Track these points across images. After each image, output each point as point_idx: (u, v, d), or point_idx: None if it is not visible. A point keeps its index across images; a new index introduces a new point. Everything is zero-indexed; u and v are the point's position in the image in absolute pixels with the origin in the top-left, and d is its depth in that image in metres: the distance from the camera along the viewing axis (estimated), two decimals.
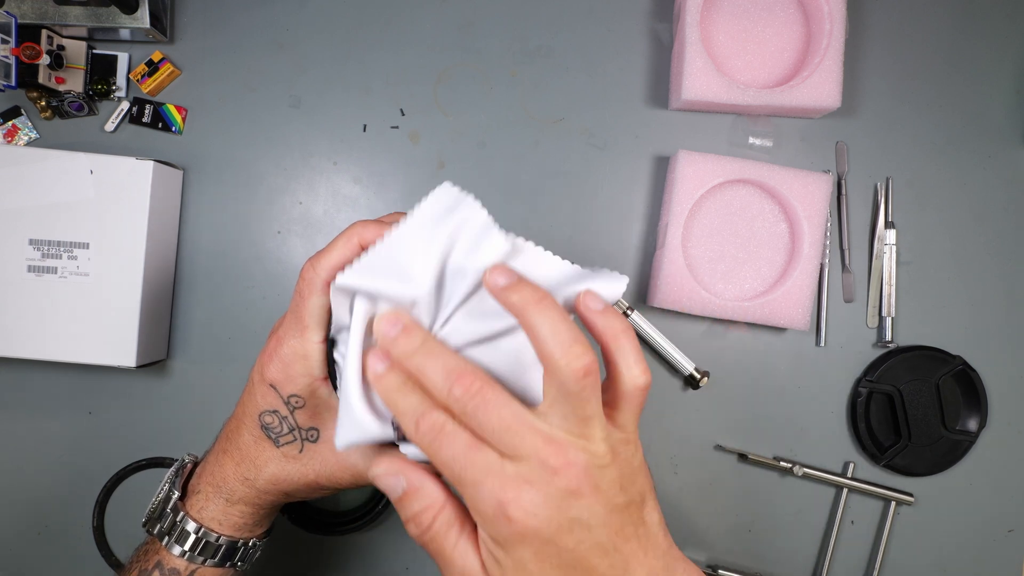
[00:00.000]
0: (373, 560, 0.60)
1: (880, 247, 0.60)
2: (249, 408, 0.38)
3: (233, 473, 0.39)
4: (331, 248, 0.35)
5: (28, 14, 0.54)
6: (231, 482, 0.39)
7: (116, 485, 0.59)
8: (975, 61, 0.61)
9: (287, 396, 0.37)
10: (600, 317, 0.31)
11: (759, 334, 0.60)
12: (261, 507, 0.40)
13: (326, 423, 0.38)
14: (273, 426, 0.38)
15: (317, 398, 0.37)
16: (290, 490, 0.39)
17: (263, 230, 0.60)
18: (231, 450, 0.39)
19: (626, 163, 0.60)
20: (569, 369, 0.28)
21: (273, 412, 0.37)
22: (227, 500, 0.39)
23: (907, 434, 0.59)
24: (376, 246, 0.33)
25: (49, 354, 0.53)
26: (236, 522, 0.40)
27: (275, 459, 0.38)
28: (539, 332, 0.29)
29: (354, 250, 0.35)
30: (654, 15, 0.61)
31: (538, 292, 0.30)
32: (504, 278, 0.30)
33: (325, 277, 0.35)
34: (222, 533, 0.39)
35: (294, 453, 0.38)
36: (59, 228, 0.53)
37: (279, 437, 0.38)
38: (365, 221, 0.35)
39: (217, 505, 0.39)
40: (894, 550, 0.60)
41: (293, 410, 0.37)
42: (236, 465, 0.39)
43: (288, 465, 0.38)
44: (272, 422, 0.38)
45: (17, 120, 0.58)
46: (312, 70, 0.60)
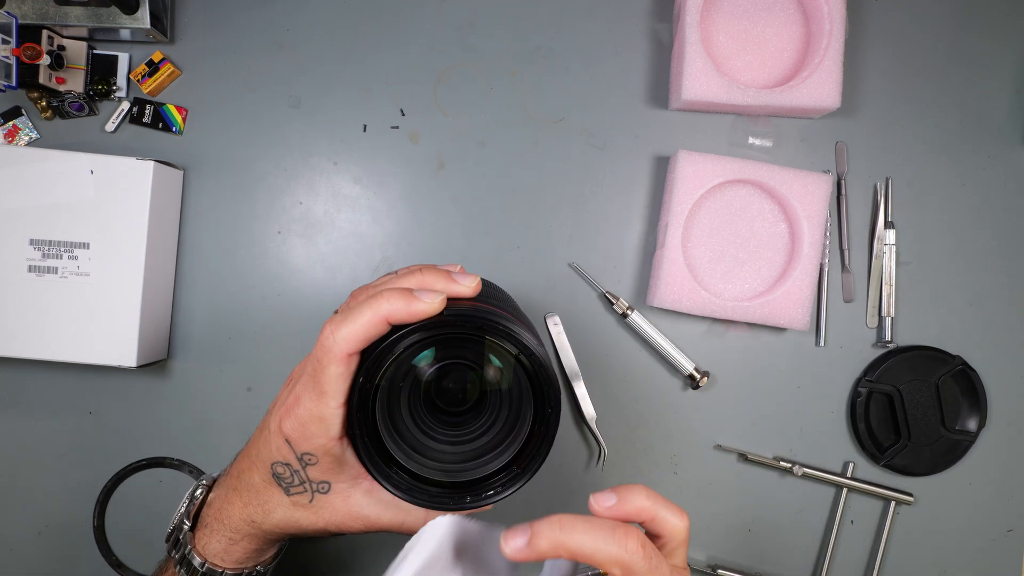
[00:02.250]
0: (373, 560, 0.60)
1: (880, 247, 0.60)
2: (263, 454, 0.38)
3: (240, 513, 0.39)
4: (355, 319, 0.33)
5: (29, 14, 0.54)
6: (236, 522, 0.39)
7: (116, 485, 0.59)
8: (975, 61, 0.61)
9: (300, 453, 0.37)
10: (623, 504, 0.34)
11: (759, 334, 0.61)
12: (264, 544, 0.40)
13: (339, 477, 0.37)
14: (284, 476, 0.38)
15: (331, 455, 0.37)
16: (297, 534, 0.39)
17: (263, 230, 0.60)
18: (240, 489, 0.39)
19: (626, 163, 0.60)
20: (637, 554, 0.31)
21: (285, 464, 0.37)
22: (230, 539, 0.40)
23: (907, 434, 0.59)
24: None
25: (49, 354, 0.53)
26: (239, 556, 0.40)
27: (284, 505, 0.38)
28: (587, 550, 0.31)
29: (379, 325, 0.34)
30: (654, 15, 0.61)
31: (558, 524, 0.32)
32: (520, 538, 0.32)
33: (346, 349, 0.34)
34: (225, 568, 0.40)
35: (304, 502, 0.38)
36: (59, 228, 0.53)
37: (290, 487, 0.38)
38: (392, 295, 0.34)
39: (220, 543, 0.40)
40: (894, 550, 0.60)
41: (305, 466, 0.37)
42: (244, 506, 0.39)
43: (297, 512, 0.38)
44: (283, 473, 0.37)
45: (18, 120, 0.58)
46: (312, 70, 0.60)
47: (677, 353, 0.59)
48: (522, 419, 0.37)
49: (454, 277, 0.36)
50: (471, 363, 0.37)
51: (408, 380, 0.36)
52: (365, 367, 0.34)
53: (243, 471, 0.40)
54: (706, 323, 0.60)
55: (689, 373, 0.59)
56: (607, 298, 0.59)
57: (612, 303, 0.59)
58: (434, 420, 0.38)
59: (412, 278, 0.36)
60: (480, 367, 0.37)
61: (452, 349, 0.37)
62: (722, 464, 0.60)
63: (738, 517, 0.60)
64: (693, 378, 0.59)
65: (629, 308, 0.59)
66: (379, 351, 0.34)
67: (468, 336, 0.35)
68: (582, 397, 0.58)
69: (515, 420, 0.37)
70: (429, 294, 0.34)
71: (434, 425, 0.38)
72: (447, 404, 0.38)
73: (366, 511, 0.38)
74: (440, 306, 0.34)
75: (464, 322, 0.35)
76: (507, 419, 0.37)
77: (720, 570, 0.59)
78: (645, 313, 0.60)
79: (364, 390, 0.35)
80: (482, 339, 0.36)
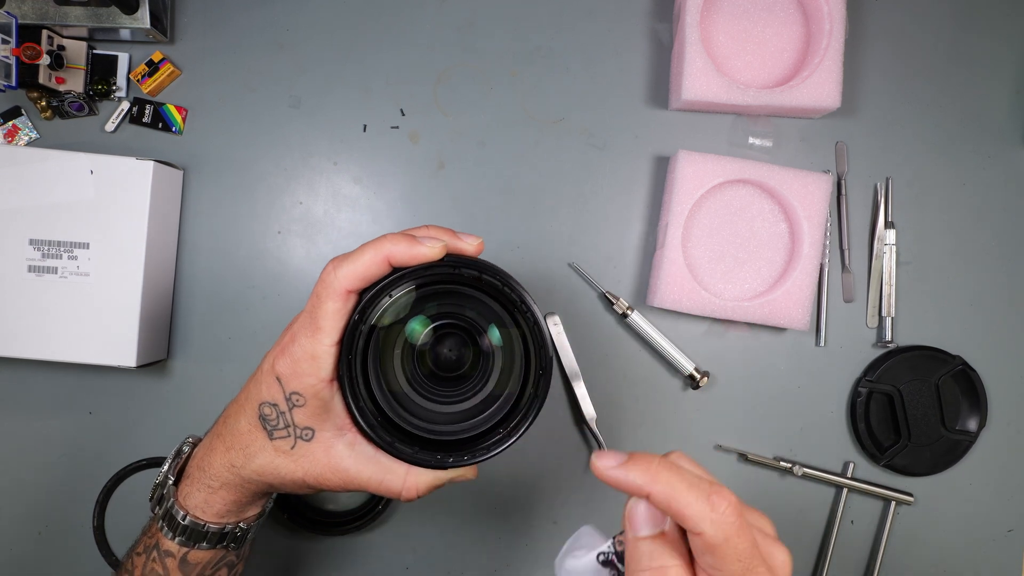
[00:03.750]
0: (373, 560, 0.60)
1: (880, 247, 0.60)
2: (252, 396, 0.38)
3: (221, 459, 0.39)
4: (356, 257, 0.35)
5: (28, 14, 0.54)
6: (216, 467, 0.39)
7: (116, 485, 0.59)
8: (975, 61, 0.61)
9: (289, 392, 0.37)
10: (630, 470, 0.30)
11: (759, 334, 0.61)
12: (244, 494, 0.40)
13: (323, 424, 0.38)
14: (270, 418, 0.38)
15: (319, 399, 0.37)
16: (275, 483, 0.39)
17: (263, 230, 0.60)
18: (225, 434, 0.39)
19: (626, 163, 0.60)
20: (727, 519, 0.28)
21: (273, 405, 0.37)
22: (209, 487, 0.40)
23: (907, 434, 0.59)
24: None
25: (49, 354, 0.53)
26: (219, 509, 0.40)
27: (266, 450, 0.38)
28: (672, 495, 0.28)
29: (381, 265, 0.35)
30: (654, 15, 0.61)
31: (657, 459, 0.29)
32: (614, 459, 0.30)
33: (346, 285, 0.35)
34: (208, 521, 0.40)
35: (286, 448, 0.38)
36: (59, 228, 0.53)
37: (274, 430, 0.38)
38: (396, 237, 0.35)
39: (201, 492, 0.40)
40: (894, 550, 0.60)
41: (292, 407, 0.37)
42: (226, 451, 0.39)
43: (278, 459, 0.38)
44: (270, 414, 0.38)
45: (17, 120, 0.58)
46: (312, 70, 0.60)
47: (677, 353, 0.59)
48: (513, 381, 0.37)
49: (458, 235, 0.38)
50: (467, 324, 0.38)
51: (402, 340, 0.37)
52: (361, 306, 0.35)
53: (229, 416, 0.40)
54: (706, 323, 0.60)
55: (689, 373, 0.59)
56: (607, 298, 0.59)
57: (612, 303, 0.59)
58: (426, 379, 0.38)
59: (417, 230, 0.38)
60: (475, 329, 0.38)
61: (448, 305, 0.37)
62: (722, 464, 0.60)
63: None
64: (693, 378, 0.59)
65: (629, 308, 0.59)
66: (376, 290, 0.35)
67: (465, 284, 0.36)
68: (582, 397, 0.58)
69: (505, 383, 0.38)
70: (432, 240, 0.36)
71: (426, 383, 0.38)
72: (441, 369, 0.38)
73: (346, 463, 0.38)
74: (441, 252, 0.36)
75: (463, 265, 0.36)
76: (498, 381, 0.38)
77: None
78: (645, 313, 0.60)
79: (356, 328, 0.35)
80: (478, 288, 0.37)
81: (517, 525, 0.60)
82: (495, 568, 0.60)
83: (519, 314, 0.36)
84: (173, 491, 0.40)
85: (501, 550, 0.60)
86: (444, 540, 0.60)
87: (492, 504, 0.60)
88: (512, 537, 0.60)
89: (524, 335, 0.37)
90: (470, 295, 0.37)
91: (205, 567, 0.41)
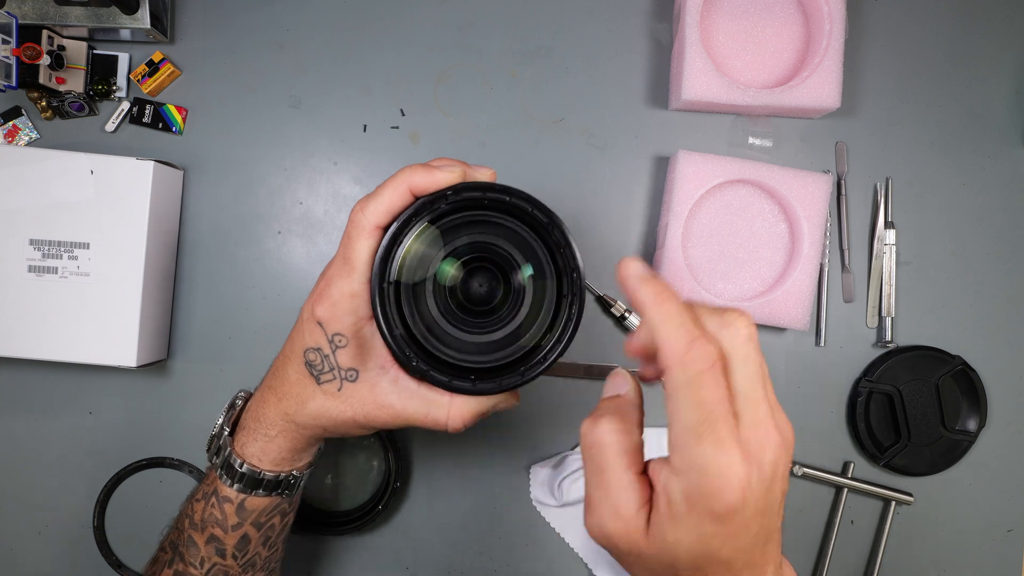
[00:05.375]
0: (373, 560, 0.60)
1: (880, 247, 0.60)
2: (296, 344, 0.39)
3: (275, 409, 0.41)
4: (380, 193, 0.36)
5: (29, 14, 0.54)
6: (271, 417, 0.41)
7: (116, 485, 0.59)
8: (975, 61, 0.61)
9: (331, 335, 0.38)
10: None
11: (759, 334, 0.60)
12: (299, 441, 0.41)
13: (366, 364, 0.39)
14: (316, 363, 0.39)
15: (360, 338, 0.38)
16: (329, 426, 0.40)
17: (263, 230, 0.60)
18: (276, 386, 0.41)
19: (626, 163, 0.60)
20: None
21: (317, 350, 0.38)
22: (266, 436, 0.41)
23: (906, 434, 0.59)
24: None
25: (49, 354, 0.53)
26: (275, 457, 0.41)
27: (316, 395, 0.39)
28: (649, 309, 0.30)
29: (403, 196, 0.36)
30: (654, 15, 0.61)
31: (655, 278, 0.30)
32: (638, 270, 0.31)
33: (374, 221, 0.36)
34: (263, 468, 0.41)
35: (333, 391, 0.39)
36: (59, 228, 0.53)
37: (320, 374, 0.39)
38: (414, 167, 0.37)
39: (258, 441, 0.41)
40: (893, 550, 0.60)
41: (335, 349, 0.38)
42: (279, 401, 0.40)
43: (328, 402, 0.39)
44: (315, 359, 0.39)
45: (18, 120, 0.58)
46: (312, 70, 0.60)
47: None
48: (545, 309, 0.38)
49: (471, 166, 0.39)
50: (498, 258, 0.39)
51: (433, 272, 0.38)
52: (391, 231, 0.36)
53: (277, 369, 0.41)
54: None
55: None
56: (604, 300, 0.59)
57: (610, 305, 0.59)
58: (458, 311, 0.39)
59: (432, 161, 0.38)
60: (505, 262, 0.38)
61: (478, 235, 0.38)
62: None
63: None
64: None
65: (627, 311, 0.59)
66: (405, 217, 0.36)
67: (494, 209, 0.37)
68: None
69: (537, 312, 0.38)
70: (449, 166, 0.37)
71: (457, 314, 0.39)
72: (472, 303, 0.39)
73: (391, 399, 0.39)
74: (459, 177, 0.37)
75: (491, 190, 0.37)
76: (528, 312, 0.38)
77: None
78: None
79: (388, 258, 0.36)
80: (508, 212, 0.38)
81: (517, 524, 0.60)
82: (495, 568, 0.60)
83: (549, 237, 0.37)
84: (229, 441, 0.42)
85: (501, 550, 0.60)
86: (444, 540, 0.60)
87: (492, 504, 0.60)
88: (512, 537, 0.60)
89: (555, 260, 0.38)
90: (499, 222, 0.38)
91: (261, 514, 0.43)
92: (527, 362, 0.38)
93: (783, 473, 0.30)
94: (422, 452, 0.60)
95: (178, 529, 0.44)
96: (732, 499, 0.27)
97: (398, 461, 0.57)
